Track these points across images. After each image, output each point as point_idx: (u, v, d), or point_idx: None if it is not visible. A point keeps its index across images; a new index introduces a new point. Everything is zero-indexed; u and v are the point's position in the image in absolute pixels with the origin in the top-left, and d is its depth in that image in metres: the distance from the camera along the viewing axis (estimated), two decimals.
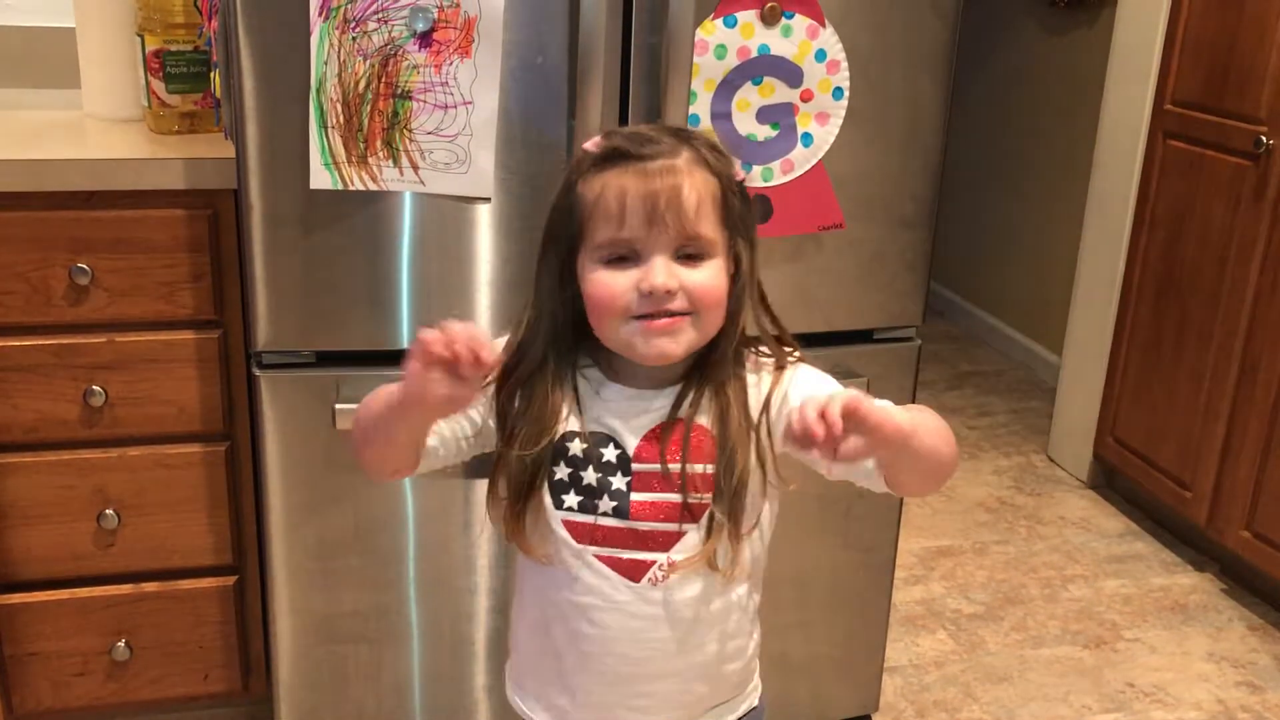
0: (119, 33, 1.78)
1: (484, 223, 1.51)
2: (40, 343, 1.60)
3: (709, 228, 1.10)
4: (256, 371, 1.53)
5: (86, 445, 1.66)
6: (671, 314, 1.08)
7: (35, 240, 1.56)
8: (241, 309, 1.61)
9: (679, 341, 1.10)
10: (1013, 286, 3.86)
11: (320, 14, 1.37)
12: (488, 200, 1.50)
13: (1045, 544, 2.70)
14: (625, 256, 1.09)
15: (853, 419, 0.98)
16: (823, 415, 0.98)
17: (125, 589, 1.74)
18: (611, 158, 1.10)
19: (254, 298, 1.49)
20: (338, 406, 1.53)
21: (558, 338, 1.15)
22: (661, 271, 1.07)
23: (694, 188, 1.09)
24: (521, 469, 1.15)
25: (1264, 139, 2.30)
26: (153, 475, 1.69)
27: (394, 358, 1.55)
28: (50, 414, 1.63)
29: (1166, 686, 2.19)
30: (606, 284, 1.09)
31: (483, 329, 1.03)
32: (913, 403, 1.79)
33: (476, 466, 1.61)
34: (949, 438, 1.15)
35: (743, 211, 1.14)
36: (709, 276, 1.10)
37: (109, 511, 1.68)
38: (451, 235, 1.51)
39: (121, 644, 1.75)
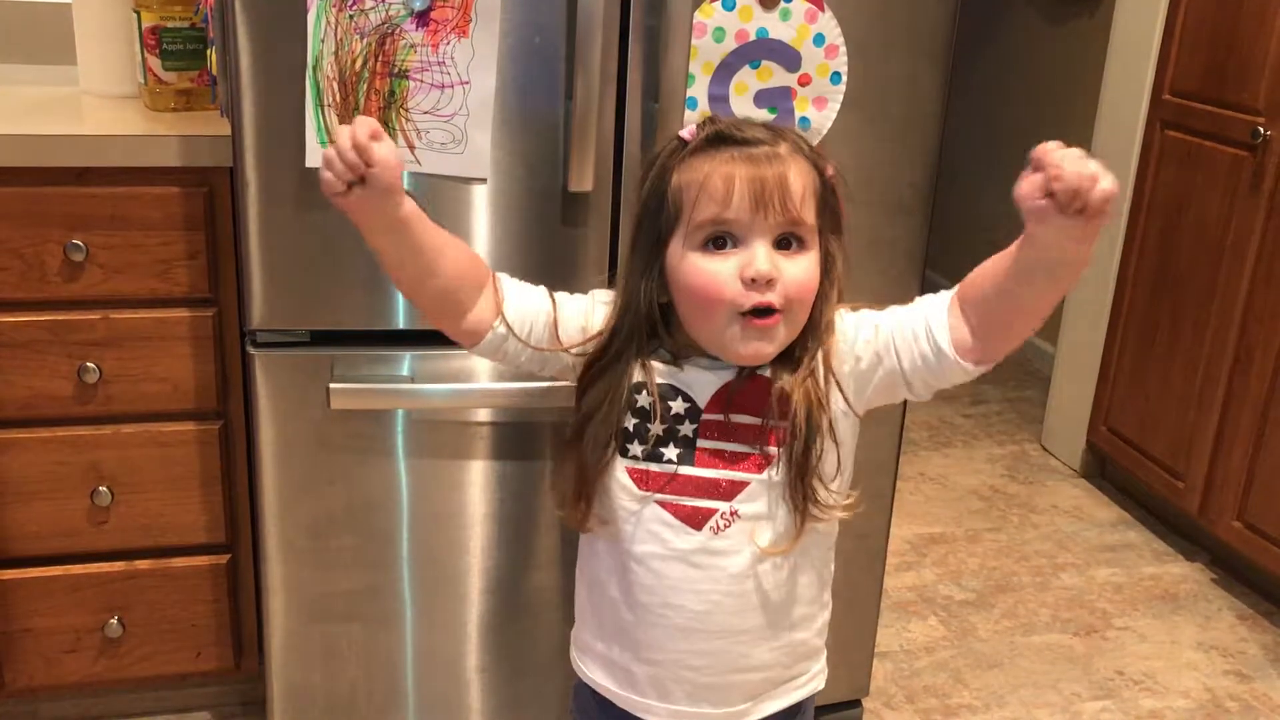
0: (115, 9, 1.78)
1: (480, 203, 1.51)
2: (35, 319, 1.60)
3: (810, 215, 1.11)
4: (251, 350, 1.53)
5: (80, 422, 1.66)
6: (770, 310, 1.09)
7: (30, 216, 1.56)
8: (236, 287, 1.61)
9: (774, 342, 1.12)
10: None
11: None
12: (484, 181, 1.50)
13: (1037, 532, 2.71)
14: (723, 242, 1.09)
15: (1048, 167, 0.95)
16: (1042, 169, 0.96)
17: (118, 566, 1.74)
18: (714, 142, 1.10)
19: (249, 276, 1.49)
20: (332, 386, 1.52)
21: (639, 330, 1.16)
22: (765, 259, 1.08)
23: (798, 175, 1.10)
24: (601, 439, 1.15)
25: (1261, 130, 2.30)
26: (146, 453, 1.69)
27: (389, 338, 1.56)
28: (44, 390, 1.63)
29: (1155, 675, 2.20)
30: (710, 272, 1.09)
31: (367, 121, 1.04)
32: None
33: (474, 449, 1.62)
34: None
35: (833, 204, 1.15)
36: (805, 270, 1.11)
37: (102, 488, 1.68)
38: (447, 215, 1.51)
39: (114, 621, 1.75)
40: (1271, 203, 2.31)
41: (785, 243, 1.10)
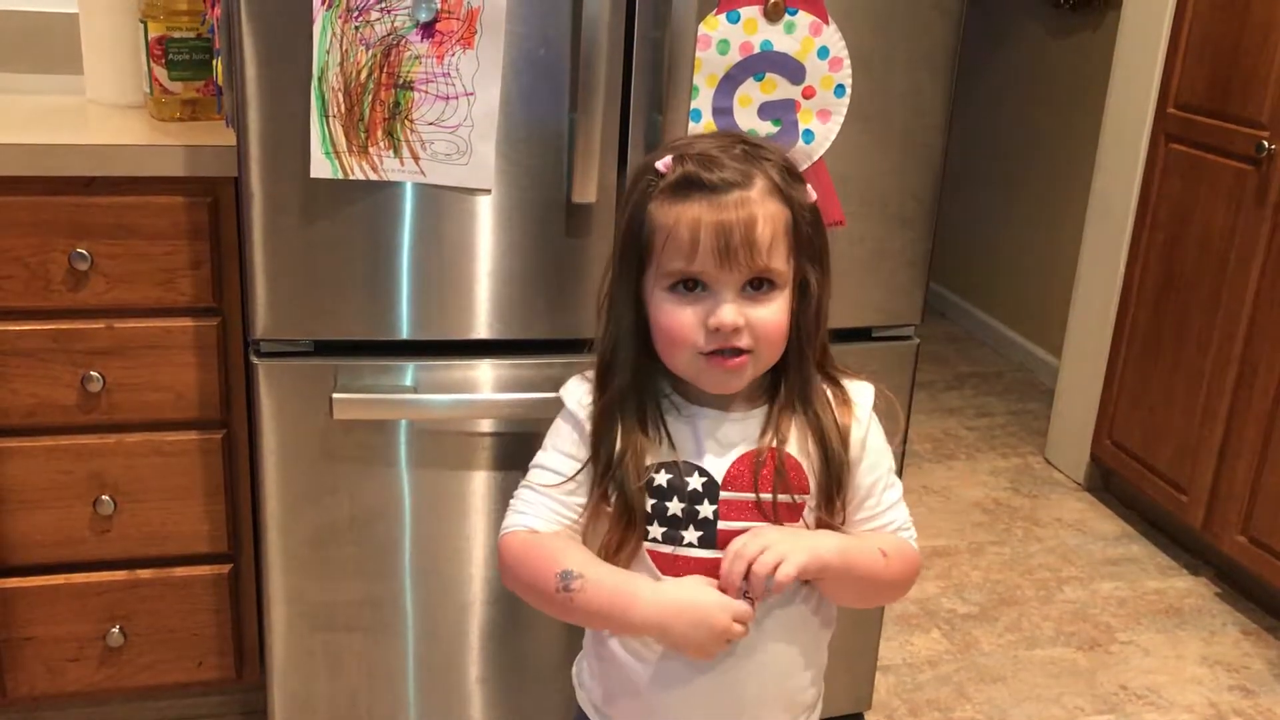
0: (122, 19, 1.78)
1: (484, 214, 1.51)
2: (39, 327, 1.60)
3: (779, 260, 1.10)
4: (254, 359, 1.54)
5: (84, 431, 1.66)
6: (738, 351, 1.10)
7: (35, 225, 1.56)
8: (240, 297, 1.61)
9: (741, 378, 1.13)
10: (1013, 288, 3.86)
11: (323, 3, 1.37)
12: (488, 192, 1.50)
13: (1041, 545, 2.70)
14: (693, 284, 1.10)
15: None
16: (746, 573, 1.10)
17: (120, 575, 1.74)
18: (684, 186, 1.09)
19: (253, 286, 1.49)
20: (335, 396, 1.53)
21: (638, 361, 1.15)
22: (730, 311, 1.08)
23: (767, 220, 1.08)
24: (622, 508, 1.14)
25: (1266, 144, 2.29)
26: (149, 462, 1.69)
27: (392, 348, 1.56)
28: (48, 399, 1.63)
29: (1159, 689, 2.19)
30: (675, 316, 1.10)
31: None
32: (910, 402, 1.80)
33: (477, 459, 1.62)
34: (893, 574, 1.20)
35: (812, 236, 1.14)
36: (772, 314, 1.11)
37: (105, 497, 1.68)
38: (451, 226, 1.51)
39: (116, 630, 1.75)
40: (1276, 216, 2.30)
41: (756, 283, 1.10)
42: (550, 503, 1.19)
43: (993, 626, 2.37)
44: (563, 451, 1.20)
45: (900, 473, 1.79)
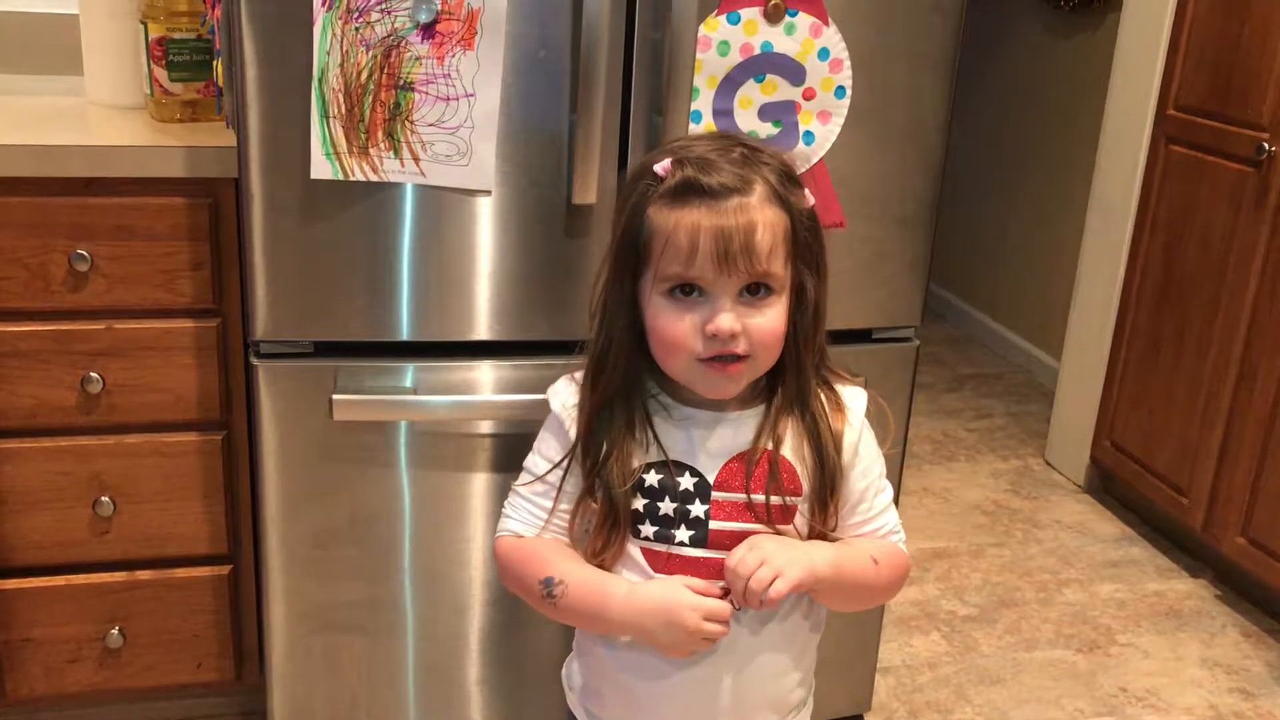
0: (122, 20, 1.78)
1: (484, 215, 1.51)
2: (39, 328, 1.60)
3: (778, 266, 1.10)
4: (254, 361, 1.54)
5: (84, 432, 1.66)
6: (736, 356, 1.10)
7: (35, 226, 1.56)
8: (240, 298, 1.61)
9: (738, 383, 1.13)
10: (1013, 290, 3.86)
11: (324, 4, 1.37)
12: (488, 193, 1.50)
13: (1041, 547, 2.70)
14: (690, 289, 1.10)
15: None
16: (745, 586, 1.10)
17: (120, 576, 1.74)
18: (683, 191, 1.08)
19: (253, 287, 1.49)
20: (335, 397, 1.53)
21: (630, 364, 1.15)
22: (728, 318, 1.08)
23: (766, 227, 1.08)
24: (608, 509, 1.15)
25: (1266, 146, 2.30)
26: (149, 463, 1.69)
27: (392, 349, 1.56)
28: (48, 400, 1.63)
29: (1159, 691, 2.19)
30: (672, 323, 1.10)
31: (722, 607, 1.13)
32: (910, 404, 1.80)
33: (476, 461, 1.62)
34: (883, 581, 1.22)
35: (810, 241, 1.13)
36: (770, 320, 1.11)
37: (105, 499, 1.68)
38: (451, 227, 1.51)
39: (115, 631, 1.75)
40: (1276, 218, 2.30)
41: (754, 288, 1.10)
42: (533, 506, 1.21)
43: (992, 628, 2.37)
44: (545, 456, 1.21)
45: (899, 475, 1.80)
